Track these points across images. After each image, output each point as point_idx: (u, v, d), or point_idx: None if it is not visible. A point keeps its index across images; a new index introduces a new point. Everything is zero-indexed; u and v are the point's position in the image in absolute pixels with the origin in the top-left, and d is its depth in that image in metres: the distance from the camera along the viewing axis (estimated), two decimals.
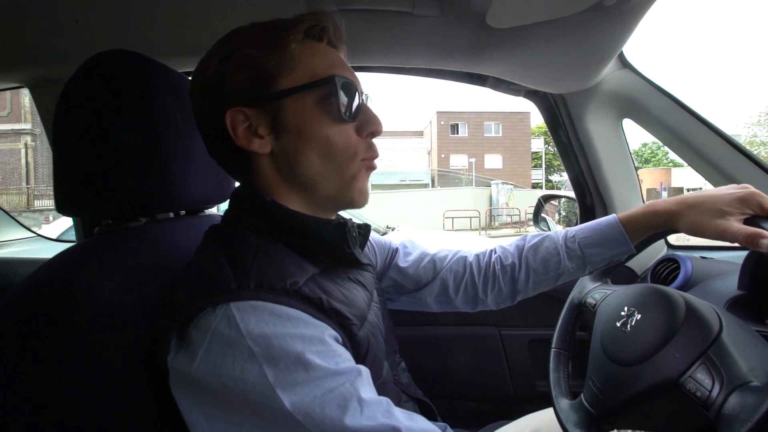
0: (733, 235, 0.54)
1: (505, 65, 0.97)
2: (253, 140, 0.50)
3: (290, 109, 0.50)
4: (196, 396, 0.39)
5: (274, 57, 0.49)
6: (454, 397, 1.20)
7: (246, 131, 0.50)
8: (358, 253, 0.56)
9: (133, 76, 0.54)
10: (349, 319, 0.47)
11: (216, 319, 0.39)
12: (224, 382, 0.37)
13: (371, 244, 0.77)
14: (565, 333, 0.77)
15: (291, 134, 0.50)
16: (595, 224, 0.71)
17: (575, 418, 0.62)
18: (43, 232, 2.92)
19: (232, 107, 0.49)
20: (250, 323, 0.39)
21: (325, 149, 0.50)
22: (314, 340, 0.40)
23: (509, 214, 16.71)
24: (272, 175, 0.52)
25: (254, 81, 0.49)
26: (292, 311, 0.41)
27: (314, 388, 0.37)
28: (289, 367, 0.37)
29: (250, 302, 0.40)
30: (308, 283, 0.46)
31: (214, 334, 0.39)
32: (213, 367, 0.38)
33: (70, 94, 0.55)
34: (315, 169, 0.51)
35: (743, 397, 0.46)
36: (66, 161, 0.56)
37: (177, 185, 0.58)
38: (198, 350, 0.39)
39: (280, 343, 0.38)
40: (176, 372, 0.40)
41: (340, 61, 0.54)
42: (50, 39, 0.89)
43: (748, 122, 24.83)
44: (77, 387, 0.43)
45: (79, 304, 0.43)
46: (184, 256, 0.53)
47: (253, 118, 0.50)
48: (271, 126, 0.50)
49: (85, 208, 0.58)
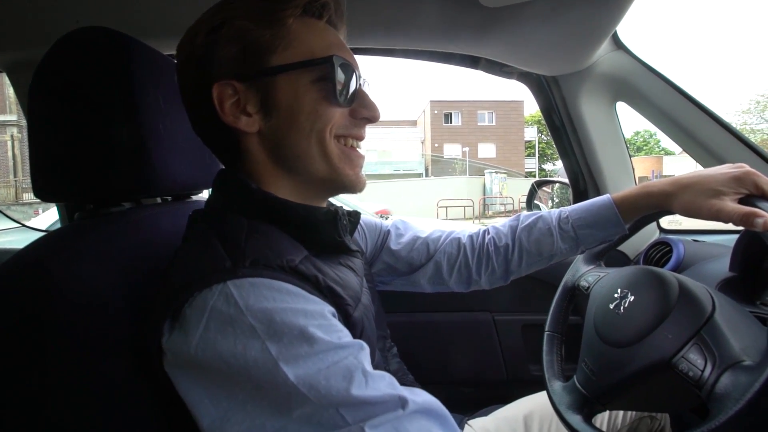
0: (728, 214, 0.54)
1: (497, 46, 0.96)
2: (240, 117, 0.48)
3: (283, 87, 0.47)
4: (196, 376, 0.38)
5: (269, 31, 0.47)
6: (448, 382, 1.21)
7: (233, 107, 0.48)
8: (349, 241, 0.55)
9: (110, 54, 0.52)
10: (344, 299, 0.46)
11: (213, 297, 0.38)
12: (226, 360, 0.36)
13: (362, 228, 0.76)
14: (559, 316, 0.77)
15: (281, 114, 0.48)
16: (589, 204, 0.70)
17: (568, 400, 0.62)
18: (32, 224, 2.87)
19: (220, 80, 0.47)
20: (250, 299, 0.38)
21: (312, 128, 0.48)
22: (315, 314, 0.39)
23: (503, 203, 16.80)
24: (261, 156, 0.50)
25: (245, 54, 0.47)
26: (290, 286, 0.40)
27: (318, 361, 0.37)
28: (293, 341, 0.37)
29: (248, 279, 0.39)
30: (304, 261, 0.45)
31: (212, 311, 0.38)
32: (213, 345, 0.37)
33: (43, 74, 0.52)
34: (303, 150, 0.49)
35: (735, 376, 0.46)
36: (42, 144, 0.54)
37: (159, 169, 0.56)
38: (196, 330, 0.37)
39: (281, 317, 0.37)
40: (173, 353, 0.39)
41: (339, 41, 0.52)
42: (26, 19, 0.85)
43: (738, 110, 25.06)
44: (60, 376, 0.41)
45: (57, 291, 0.41)
46: (170, 241, 0.52)
47: (242, 93, 0.47)
48: (260, 104, 0.48)
49: (62, 192, 0.56)
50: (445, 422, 0.41)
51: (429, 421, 0.39)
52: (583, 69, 1.02)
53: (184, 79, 0.50)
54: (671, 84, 0.96)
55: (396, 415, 0.37)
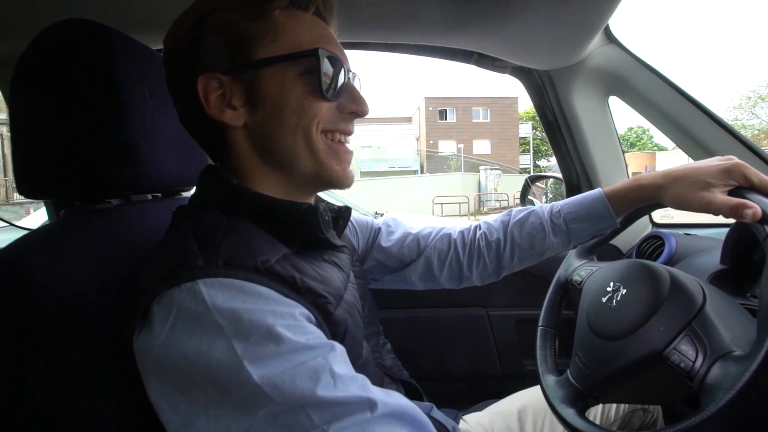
0: (718, 206, 0.54)
1: (490, 40, 0.95)
2: (225, 111, 0.47)
3: (268, 80, 0.47)
4: (158, 378, 0.37)
5: (255, 23, 0.46)
6: (443, 378, 1.21)
7: (218, 100, 0.47)
8: (332, 236, 0.54)
9: (92, 47, 0.51)
10: (324, 297, 0.45)
11: (181, 295, 0.37)
12: (189, 358, 0.35)
13: (353, 225, 0.75)
14: (552, 311, 0.78)
15: (267, 107, 0.47)
16: (581, 198, 0.70)
17: (561, 394, 0.62)
18: (22, 224, 2.84)
19: (205, 73, 0.46)
20: (218, 298, 0.37)
21: (298, 123, 0.48)
22: (285, 315, 0.39)
23: (498, 199, 16.84)
24: (248, 151, 0.49)
25: (231, 47, 0.46)
26: (262, 289, 0.40)
27: (284, 361, 0.36)
28: (259, 340, 0.36)
29: (218, 279, 0.38)
30: (280, 261, 0.44)
31: (180, 309, 0.37)
32: (178, 343, 0.36)
33: (24, 68, 0.51)
34: (288, 145, 0.48)
35: (726, 366, 0.46)
36: (25, 140, 0.53)
37: (147, 165, 0.55)
38: (162, 327, 0.37)
39: (249, 316, 0.37)
40: (140, 351, 0.39)
41: (328, 34, 0.51)
42: (9, 12, 0.83)
43: (730, 105, 25.27)
44: (39, 374, 0.40)
45: (38, 288, 0.41)
46: (157, 238, 0.51)
47: (227, 86, 0.47)
48: (246, 97, 0.47)
49: (48, 189, 0.55)
50: (419, 426, 0.40)
51: (399, 426, 0.38)
52: (576, 63, 1.02)
53: (170, 71, 0.50)
54: (663, 78, 0.96)
55: (363, 417, 0.36)
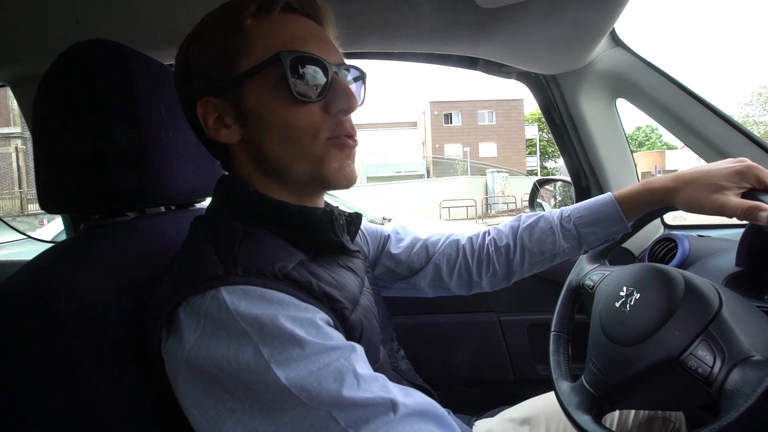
0: (731, 209, 0.53)
1: (495, 46, 0.96)
2: (221, 131, 0.48)
3: (250, 93, 0.46)
4: (188, 380, 0.38)
5: (233, 38, 0.45)
6: (456, 384, 1.20)
7: (216, 122, 0.48)
8: (347, 241, 0.55)
9: (110, 66, 0.52)
10: (340, 302, 0.46)
11: (206, 303, 0.38)
12: (218, 363, 0.36)
13: (363, 233, 0.76)
14: (564, 316, 0.77)
15: (254, 121, 0.47)
16: (591, 203, 0.70)
17: (576, 400, 0.62)
18: (36, 235, 2.89)
19: (201, 98, 0.48)
20: (240, 305, 0.38)
21: (285, 133, 0.47)
22: (305, 321, 0.39)
23: (505, 201, 16.75)
24: (247, 164, 0.50)
25: (215, 67, 0.47)
26: (282, 295, 0.40)
27: (309, 363, 0.37)
28: (284, 344, 0.37)
29: (240, 287, 0.39)
30: (297, 267, 0.45)
31: (207, 316, 0.38)
32: (207, 349, 0.37)
33: (46, 87, 0.53)
34: (279, 155, 0.48)
35: (745, 371, 0.45)
36: (46, 157, 0.55)
37: (162, 178, 0.57)
38: (192, 333, 0.38)
39: (272, 322, 0.38)
40: (169, 357, 0.40)
41: (304, 32, 0.47)
42: (29, 33, 0.86)
43: (741, 102, 24.90)
44: (63, 387, 0.41)
45: (60, 301, 0.42)
46: (174, 249, 0.52)
47: (219, 107, 0.48)
48: (236, 114, 0.48)
49: (67, 204, 0.57)
50: (442, 422, 0.40)
51: (425, 423, 0.38)
52: (582, 67, 1.02)
53: (178, 96, 0.52)
54: (671, 79, 0.95)
55: (387, 419, 0.36)
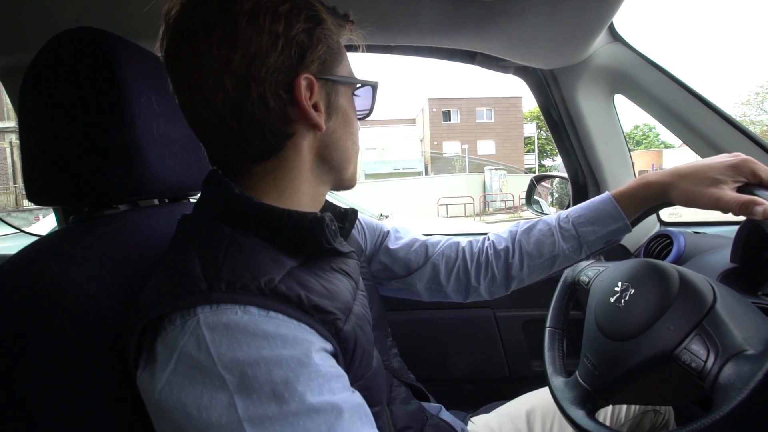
0: (727, 203, 0.53)
1: (494, 40, 0.95)
2: (312, 112, 0.47)
3: (342, 95, 0.52)
4: (157, 420, 0.37)
5: (337, 38, 0.50)
6: (450, 379, 1.20)
7: (308, 101, 0.47)
8: (339, 244, 0.53)
9: (98, 54, 0.51)
10: (333, 314, 0.43)
11: (184, 338, 0.36)
12: (188, 411, 0.34)
13: (361, 226, 0.75)
14: (559, 312, 0.77)
15: (339, 117, 0.51)
16: (589, 203, 0.69)
17: (570, 395, 0.62)
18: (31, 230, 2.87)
19: (307, 72, 0.46)
20: (222, 346, 0.35)
21: (353, 138, 0.54)
22: (292, 362, 0.36)
23: (503, 199, 16.77)
24: (310, 151, 0.50)
25: (329, 55, 0.48)
26: (268, 328, 0.37)
27: (286, 425, 0.34)
28: (261, 398, 0.34)
29: (223, 318, 0.37)
30: (285, 279, 0.42)
31: (182, 354, 0.36)
32: (178, 392, 0.35)
33: (33, 77, 0.52)
34: (347, 154, 0.54)
35: (738, 365, 0.45)
36: (34, 148, 0.54)
37: (154, 170, 0.56)
38: (164, 371, 0.36)
39: (254, 371, 0.35)
40: (142, 390, 0.38)
41: None
42: (19, 23, 0.85)
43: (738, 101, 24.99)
44: (48, 381, 0.41)
45: (47, 293, 0.41)
46: (165, 244, 0.51)
47: (315, 90, 0.47)
48: (326, 104, 0.50)
49: (56, 196, 0.56)
50: None
51: None
52: (580, 62, 1.01)
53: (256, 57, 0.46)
54: (669, 75, 0.95)
55: None
